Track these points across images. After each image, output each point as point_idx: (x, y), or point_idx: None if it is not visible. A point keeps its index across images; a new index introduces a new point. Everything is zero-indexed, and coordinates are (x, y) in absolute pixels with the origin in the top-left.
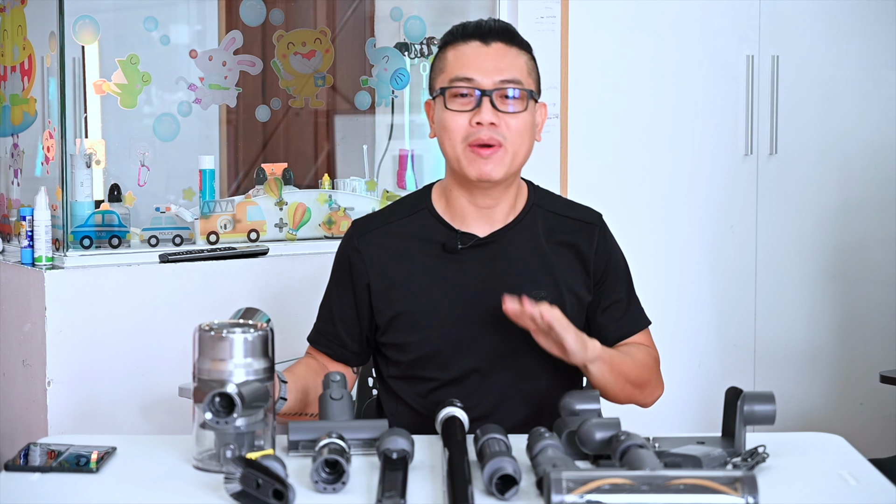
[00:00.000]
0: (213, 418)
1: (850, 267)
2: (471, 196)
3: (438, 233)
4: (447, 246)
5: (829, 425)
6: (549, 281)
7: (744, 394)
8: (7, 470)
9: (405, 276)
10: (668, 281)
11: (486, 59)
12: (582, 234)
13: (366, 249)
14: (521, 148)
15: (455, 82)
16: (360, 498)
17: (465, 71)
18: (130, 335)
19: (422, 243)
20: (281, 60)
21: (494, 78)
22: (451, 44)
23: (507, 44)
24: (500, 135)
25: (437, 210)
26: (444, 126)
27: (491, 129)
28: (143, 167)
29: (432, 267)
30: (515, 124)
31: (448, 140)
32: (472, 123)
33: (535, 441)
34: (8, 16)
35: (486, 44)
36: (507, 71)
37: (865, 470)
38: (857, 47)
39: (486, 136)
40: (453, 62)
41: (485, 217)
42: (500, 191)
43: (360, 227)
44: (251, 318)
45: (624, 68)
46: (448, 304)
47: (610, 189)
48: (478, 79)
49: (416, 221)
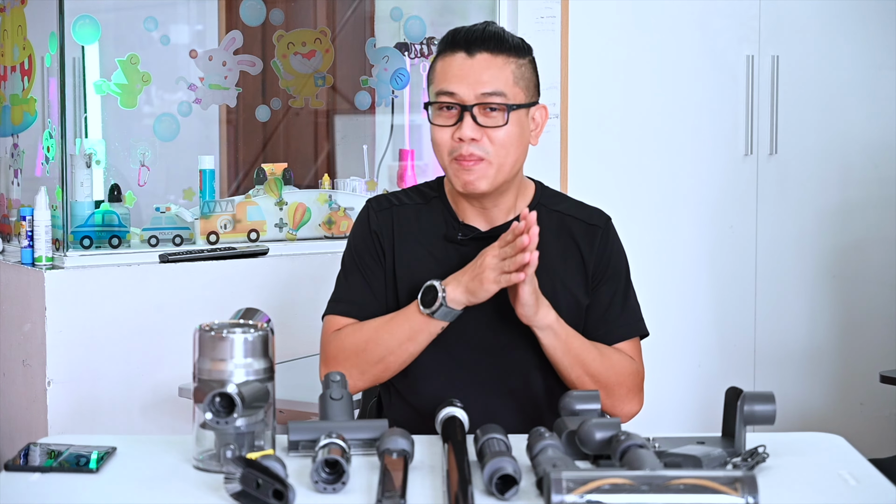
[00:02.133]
0: (213, 418)
1: (850, 267)
2: (466, 197)
3: (444, 222)
4: (447, 235)
5: (829, 425)
6: (546, 280)
7: (744, 394)
8: (7, 470)
9: (410, 257)
10: (668, 281)
11: (469, 73)
12: (585, 236)
13: (381, 223)
14: (506, 160)
15: (439, 96)
16: (360, 498)
17: (447, 84)
18: (130, 335)
19: (428, 229)
20: (281, 60)
21: (476, 91)
22: (441, 53)
23: (492, 53)
24: (482, 149)
25: (448, 201)
26: (433, 139)
27: (472, 144)
28: (143, 167)
29: (435, 254)
30: (499, 137)
31: (438, 153)
32: (454, 138)
33: (535, 441)
34: (8, 16)
35: (470, 55)
36: (490, 83)
37: (865, 470)
38: (857, 47)
39: (466, 151)
40: (440, 74)
41: (484, 216)
42: (493, 197)
43: (377, 204)
44: (251, 318)
45: (624, 68)
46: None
47: (610, 189)
48: (459, 93)
49: (427, 209)
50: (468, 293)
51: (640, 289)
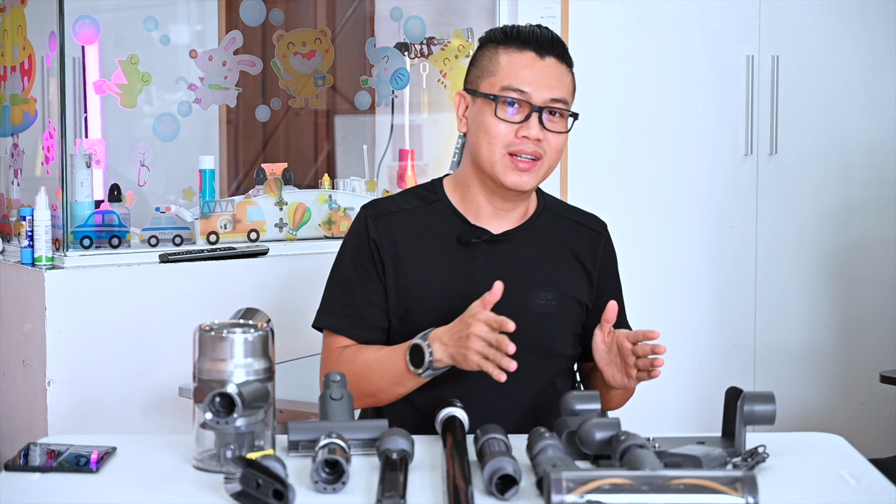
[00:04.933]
0: (213, 418)
1: (850, 267)
2: (490, 197)
3: (453, 225)
4: (462, 238)
5: (829, 425)
6: (554, 285)
7: (744, 394)
8: (7, 470)
9: (417, 262)
10: (668, 281)
11: (541, 75)
12: (588, 242)
13: (380, 231)
14: (554, 163)
15: (507, 91)
16: (360, 498)
17: (518, 82)
18: (130, 335)
19: (436, 234)
20: (281, 60)
21: (546, 95)
22: (504, 46)
23: (559, 60)
24: (542, 149)
25: (452, 203)
26: (486, 130)
27: (535, 143)
28: (143, 167)
29: (445, 258)
30: (556, 141)
31: (487, 144)
32: (517, 135)
33: (535, 441)
34: (8, 16)
35: (541, 57)
36: (559, 90)
37: (865, 470)
38: (857, 47)
39: (530, 149)
40: (507, 69)
41: (500, 217)
42: (523, 198)
43: (375, 211)
44: (251, 318)
45: (624, 68)
46: (456, 295)
47: (610, 189)
48: (530, 92)
49: (430, 212)
50: (454, 361)
51: (641, 289)
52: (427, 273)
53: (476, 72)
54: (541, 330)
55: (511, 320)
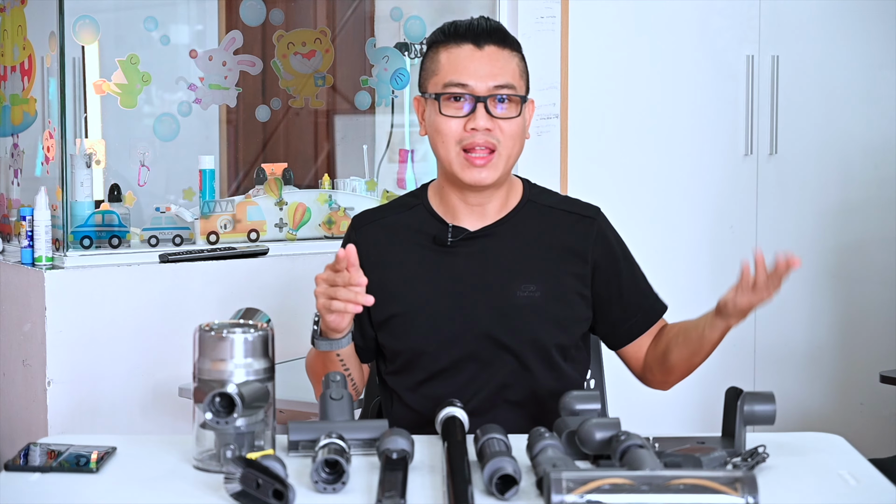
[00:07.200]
0: (213, 418)
1: (850, 267)
2: (461, 194)
3: (431, 226)
4: (437, 238)
5: (829, 425)
6: (540, 276)
7: (744, 394)
8: (7, 470)
9: (398, 267)
10: (668, 281)
11: (480, 65)
12: (578, 228)
13: (362, 242)
14: (513, 150)
15: (449, 87)
16: (360, 498)
17: (458, 76)
18: (130, 335)
19: (414, 236)
20: (281, 60)
21: (488, 83)
22: (443, 45)
23: (499, 46)
24: (495, 138)
25: (431, 206)
26: (437, 129)
27: (485, 133)
28: (143, 167)
29: (424, 259)
30: (509, 128)
31: (441, 143)
32: (466, 129)
33: (535, 441)
34: (8, 16)
35: (479, 47)
36: (501, 76)
37: (865, 470)
38: (857, 47)
39: (481, 140)
40: (446, 66)
41: (476, 213)
42: (490, 191)
43: (358, 221)
44: (251, 318)
45: (624, 68)
46: (438, 296)
47: (610, 189)
48: (472, 84)
49: (410, 216)
50: (324, 324)
51: None
52: (410, 276)
53: (424, 74)
54: (526, 322)
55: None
